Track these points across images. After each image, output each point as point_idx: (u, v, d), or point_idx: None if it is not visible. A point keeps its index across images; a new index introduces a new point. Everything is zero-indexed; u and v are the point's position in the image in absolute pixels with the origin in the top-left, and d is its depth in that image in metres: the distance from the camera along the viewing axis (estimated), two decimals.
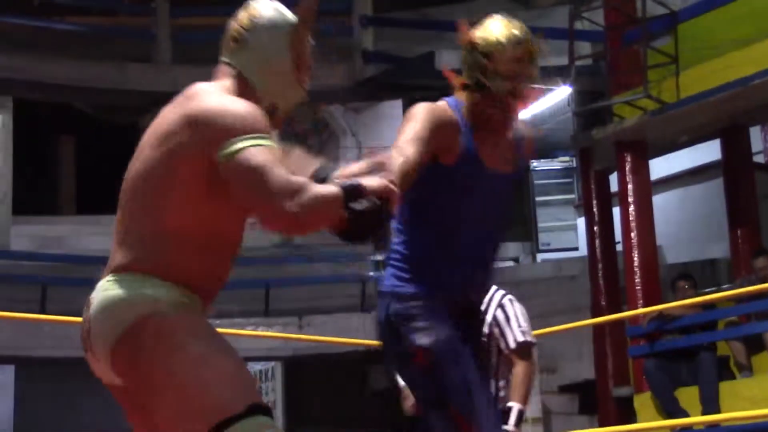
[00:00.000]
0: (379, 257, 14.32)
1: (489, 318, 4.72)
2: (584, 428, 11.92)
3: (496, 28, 3.82)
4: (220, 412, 2.92)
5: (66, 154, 22.46)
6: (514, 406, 4.65)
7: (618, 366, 11.81)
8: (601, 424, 11.57)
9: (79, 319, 3.19)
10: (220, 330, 3.29)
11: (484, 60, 3.75)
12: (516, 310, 4.88)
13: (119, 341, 3.04)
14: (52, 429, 9.73)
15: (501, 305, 4.79)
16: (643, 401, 10.75)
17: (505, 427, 4.58)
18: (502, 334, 4.68)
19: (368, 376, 14.88)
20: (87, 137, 21.39)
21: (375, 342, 9.65)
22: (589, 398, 12.54)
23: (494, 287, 4.71)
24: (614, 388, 11.84)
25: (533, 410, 11.61)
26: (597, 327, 11.81)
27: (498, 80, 3.75)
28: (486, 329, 4.63)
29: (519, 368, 4.74)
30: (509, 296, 4.88)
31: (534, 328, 9.48)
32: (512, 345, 4.72)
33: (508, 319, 4.78)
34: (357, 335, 11.84)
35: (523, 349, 4.75)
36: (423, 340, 3.63)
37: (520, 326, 4.79)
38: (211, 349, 3.04)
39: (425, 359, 3.60)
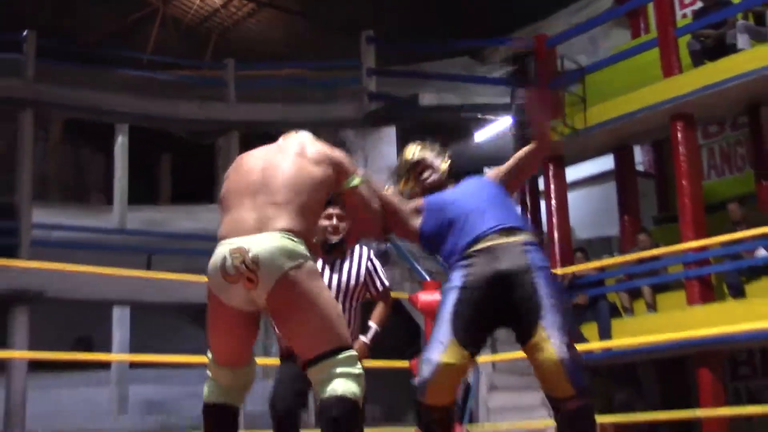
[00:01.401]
0: None
1: (363, 270, 4.52)
2: (519, 351, 11.92)
3: (405, 152, 4.17)
4: (340, 341, 3.31)
5: (165, 163, 22.51)
6: (373, 326, 4.57)
7: None
8: None
9: (174, 275, 3.34)
10: None
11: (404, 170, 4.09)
12: (378, 264, 4.65)
13: (287, 273, 3.24)
14: (156, 350, 9.79)
15: (370, 259, 4.55)
16: None
17: (362, 338, 4.51)
18: (372, 280, 4.51)
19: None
20: (179, 153, 21.47)
21: None
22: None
23: (361, 246, 4.52)
24: None
25: None
26: None
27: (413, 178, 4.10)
28: (361, 277, 4.50)
29: (381, 305, 4.65)
30: (373, 253, 4.64)
31: None
32: (380, 288, 4.55)
33: (375, 270, 4.60)
34: None
35: (386, 291, 4.63)
36: None
37: (383, 275, 4.59)
38: (331, 296, 3.42)
39: None
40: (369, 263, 4.48)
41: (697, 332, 7.38)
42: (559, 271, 10.68)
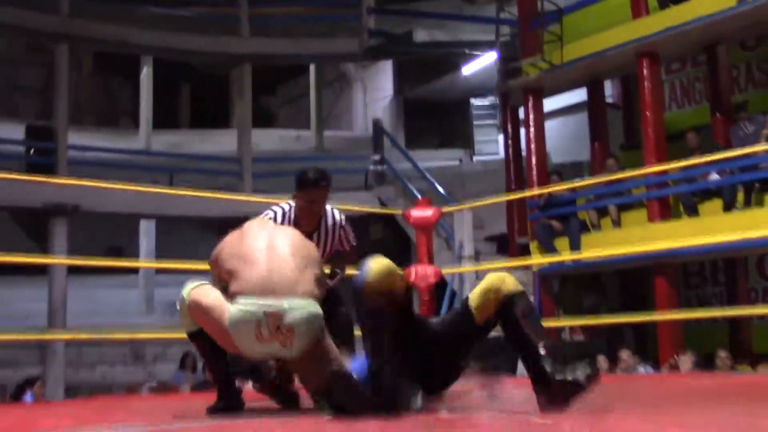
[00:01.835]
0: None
1: (336, 238, 4.25)
2: (499, 262, 12.05)
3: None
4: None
5: (185, 92, 22.35)
6: (339, 272, 4.28)
7: (521, 225, 11.95)
8: (510, 260, 11.72)
9: (193, 191, 3.24)
10: None
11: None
12: (348, 227, 4.35)
13: (317, 337, 3.08)
14: (179, 257, 9.86)
15: (342, 227, 4.26)
16: (535, 246, 10.89)
17: (329, 281, 4.26)
18: (347, 236, 4.23)
19: (369, 229, 15.00)
20: (197, 82, 21.29)
21: (375, 209, 9.48)
22: (503, 244, 12.66)
23: (332, 209, 4.28)
24: (518, 238, 11.99)
25: (469, 251, 11.67)
26: (509, 201, 11.91)
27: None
28: (335, 244, 4.27)
29: (349, 255, 4.39)
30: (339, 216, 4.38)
31: (468, 202, 9.44)
32: (353, 243, 4.29)
33: (346, 234, 4.25)
34: (362, 204, 11.92)
35: (353, 248, 4.30)
36: None
37: (352, 236, 4.34)
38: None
39: None
40: (341, 231, 4.28)
41: (655, 246, 7.46)
42: (535, 191, 10.72)
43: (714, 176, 9.36)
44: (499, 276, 3.03)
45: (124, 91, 21.91)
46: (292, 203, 4.05)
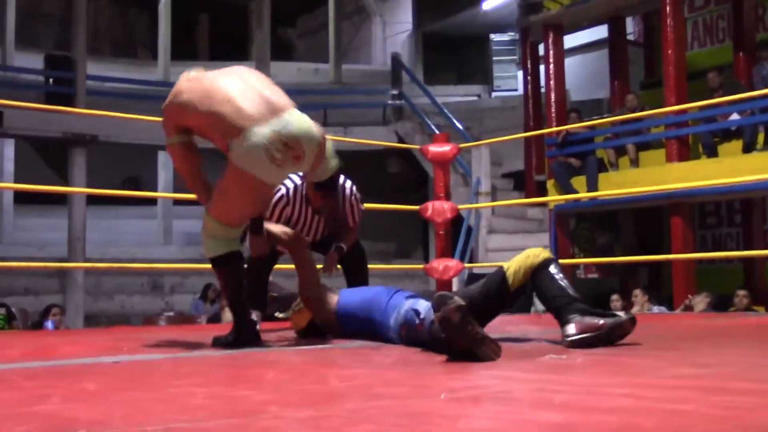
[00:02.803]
0: None
1: (347, 203, 4.18)
2: (516, 199, 12.04)
3: None
4: None
5: (203, 23, 22.15)
6: (342, 245, 4.25)
7: (538, 162, 11.89)
8: (526, 197, 11.71)
9: None
10: None
11: None
12: (356, 201, 4.25)
13: (320, 142, 3.20)
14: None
15: (354, 195, 4.20)
16: (551, 184, 10.84)
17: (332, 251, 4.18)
18: (352, 213, 4.16)
19: (386, 163, 14.97)
20: (216, 13, 21.10)
21: (392, 144, 9.42)
22: (520, 181, 12.63)
23: (345, 181, 4.20)
24: (535, 176, 11.95)
25: (486, 187, 11.67)
26: (527, 138, 11.83)
27: None
28: (345, 207, 4.20)
29: (352, 232, 4.33)
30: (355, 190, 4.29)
31: (486, 138, 9.37)
32: (357, 220, 4.20)
33: (353, 208, 4.19)
34: (379, 139, 11.89)
35: (355, 227, 4.21)
36: None
37: (358, 213, 4.24)
38: None
39: None
40: (349, 206, 4.22)
41: (672, 185, 7.38)
42: (554, 128, 10.62)
43: (735, 116, 9.24)
44: (537, 250, 3.17)
45: (143, 22, 21.73)
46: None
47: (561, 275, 3.09)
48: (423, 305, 3.04)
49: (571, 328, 2.96)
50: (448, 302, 2.57)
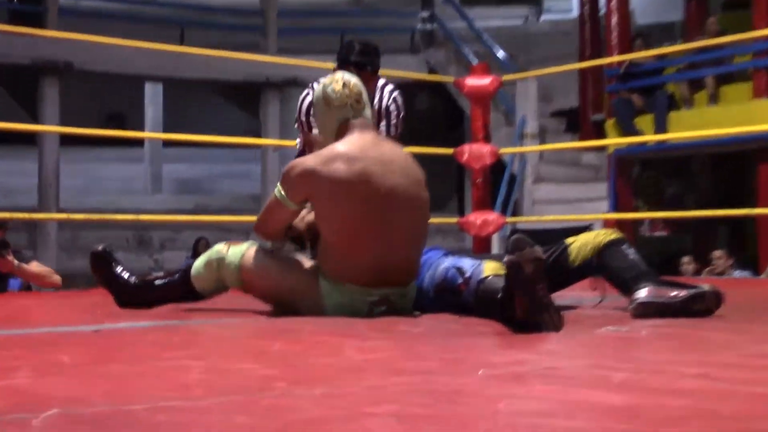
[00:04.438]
0: None
1: (383, 104, 4.18)
2: (568, 142, 11.98)
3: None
4: None
5: None
6: None
7: (596, 98, 11.82)
8: (581, 140, 11.65)
9: (208, 50, 3.19)
10: None
11: None
12: (397, 106, 4.24)
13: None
14: (190, 129, 9.91)
15: (395, 98, 4.20)
16: (611, 124, 10.77)
17: None
18: (388, 121, 4.16)
19: (415, 99, 14.92)
20: None
21: (422, 75, 9.38)
22: (574, 121, 12.56)
23: (385, 84, 4.20)
24: (592, 115, 11.88)
25: (533, 128, 11.64)
26: (583, 69, 11.74)
27: None
28: (381, 117, 4.16)
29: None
30: (399, 91, 4.26)
31: (534, 69, 9.36)
32: (393, 133, 4.18)
33: (389, 114, 4.22)
34: (407, 70, 11.82)
35: (398, 136, 4.17)
36: None
37: (396, 120, 4.22)
38: None
39: None
40: (393, 104, 4.17)
41: (761, 126, 7.29)
42: (615, 58, 10.53)
43: None
44: (608, 230, 3.25)
45: None
46: None
47: (634, 251, 3.12)
48: (468, 263, 3.05)
49: (642, 293, 2.98)
50: (526, 249, 2.55)
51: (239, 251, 3.24)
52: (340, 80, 3.24)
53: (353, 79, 3.27)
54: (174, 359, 2.13)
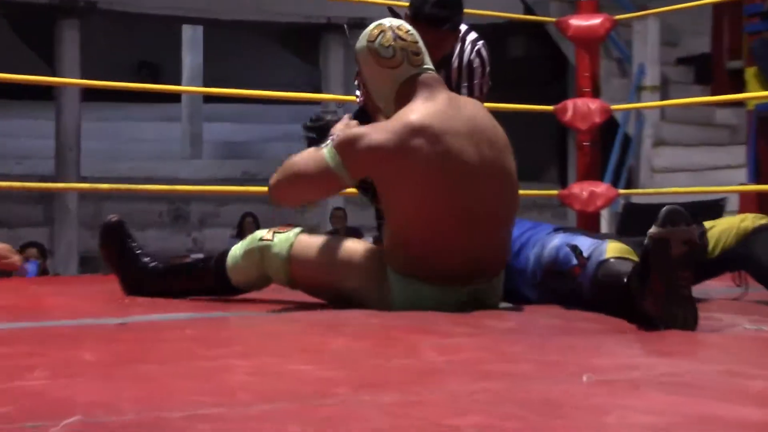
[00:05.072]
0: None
1: (465, 59, 4.06)
2: (698, 96, 11.83)
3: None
4: None
5: None
6: None
7: (733, 42, 11.64)
8: (714, 93, 11.50)
9: None
10: None
11: None
12: (487, 59, 4.14)
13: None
14: (237, 81, 9.96)
15: (479, 52, 4.09)
16: (752, 73, 10.61)
17: None
18: (470, 80, 4.04)
19: (507, 43, 14.84)
20: None
21: (517, 15, 9.35)
22: (704, 69, 12.40)
23: (467, 29, 4.14)
24: (728, 61, 11.71)
25: (653, 79, 11.51)
26: (717, 5, 11.57)
27: None
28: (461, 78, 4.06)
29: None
30: (483, 42, 4.13)
31: (654, 6, 9.27)
32: (477, 94, 4.04)
33: (481, 66, 4.09)
34: (499, 9, 11.74)
35: (483, 97, 4.00)
36: None
37: (483, 77, 4.10)
38: None
39: None
40: (477, 59, 4.09)
41: None
42: None
43: None
44: (756, 214, 3.23)
45: None
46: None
47: None
48: (586, 241, 3.01)
49: None
50: (681, 225, 2.50)
51: (287, 240, 3.20)
52: (388, 29, 3.11)
53: (404, 25, 3.17)
54: (215, 358, 2.15)
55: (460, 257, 2.99)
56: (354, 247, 3.18)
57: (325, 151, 3.05)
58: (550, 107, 6.07)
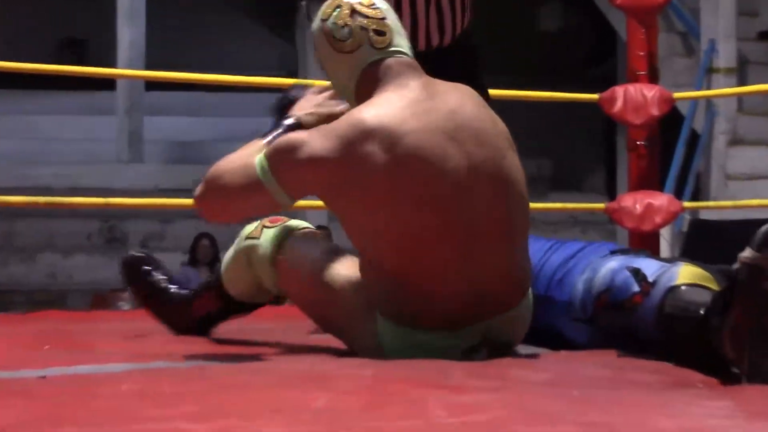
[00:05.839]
0: None
1: None
2: None
3: None
4: None
5: None
6: None
7: None
8: None
9: None
10: None
11: None
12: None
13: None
14: (188, 63, 9.98)
15: None
16: None
17: None
18: (441, 23, 4.16)
19: (538, 13, 14.90)
20: None
21: None
22: None
23: None
24: None
25: (728, 60, 11.50)
26: None
27: None
28: None
29: None
30: None
31: None
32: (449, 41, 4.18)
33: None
34: None
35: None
36: None
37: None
38: None
39: None
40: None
41: None
42: None
43: None
44: None
45: None
46: None
47: None
48: (652, 264, 2.99)
49: None
50: None
51: (274, 239, 3.22)
52: (345, 4, 3.11)
53: None
54: (162, 420, 2.15)
55: (454, 287, 2.95)
56: (341, 273, 3.12)
57: (257, 159, 3.02)
58: (594, 95, 6.10)
